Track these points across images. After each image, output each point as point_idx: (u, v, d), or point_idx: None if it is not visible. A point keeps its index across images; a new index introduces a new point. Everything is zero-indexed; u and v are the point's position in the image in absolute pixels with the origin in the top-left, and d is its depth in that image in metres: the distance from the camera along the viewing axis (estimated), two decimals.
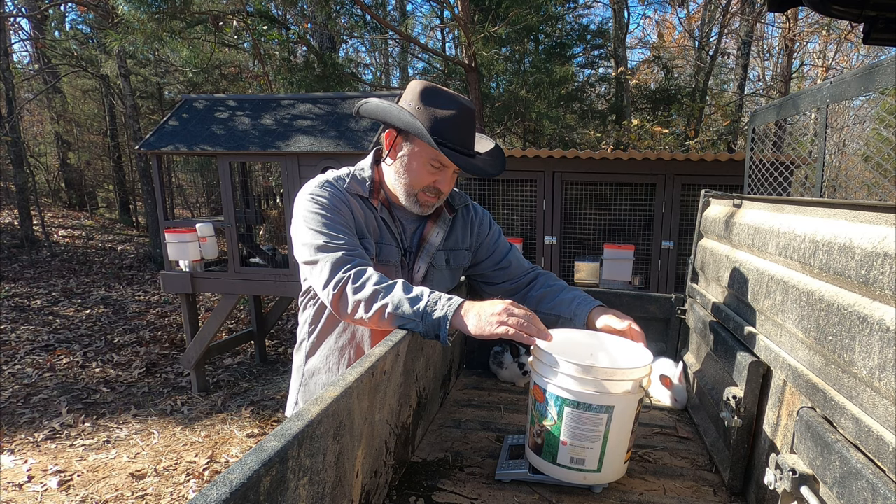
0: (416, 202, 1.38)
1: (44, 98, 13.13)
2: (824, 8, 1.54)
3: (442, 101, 1.32)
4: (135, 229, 13.24)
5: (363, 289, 1.20)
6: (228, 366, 5.72)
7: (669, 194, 4.34)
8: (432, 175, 1.35)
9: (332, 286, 1.23)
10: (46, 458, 3.68)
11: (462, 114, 1.33)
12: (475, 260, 1.62)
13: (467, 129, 1.35)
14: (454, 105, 1.32)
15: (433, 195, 1.38)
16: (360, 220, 1.37)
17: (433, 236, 1.47)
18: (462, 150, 1.34)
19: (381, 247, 1.40)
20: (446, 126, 1.30)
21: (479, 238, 1.59)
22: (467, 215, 1.58)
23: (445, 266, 1.51)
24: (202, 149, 4.68)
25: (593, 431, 1.12)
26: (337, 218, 1.31)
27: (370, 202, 1.39)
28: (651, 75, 12.79)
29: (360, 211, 1.37)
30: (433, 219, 1.49)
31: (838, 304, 0.90)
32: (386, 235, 1.41)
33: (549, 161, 4.38)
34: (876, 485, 0.72)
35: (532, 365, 1.22)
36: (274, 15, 8.34)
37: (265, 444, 0.65)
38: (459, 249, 1.55)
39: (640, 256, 4.43)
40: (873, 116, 4.95)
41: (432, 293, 1.20)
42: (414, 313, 1.17)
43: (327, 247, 1.26)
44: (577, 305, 1.44)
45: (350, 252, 1.27)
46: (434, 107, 1.31)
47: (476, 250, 1.61)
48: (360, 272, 1.23)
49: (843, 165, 4.58)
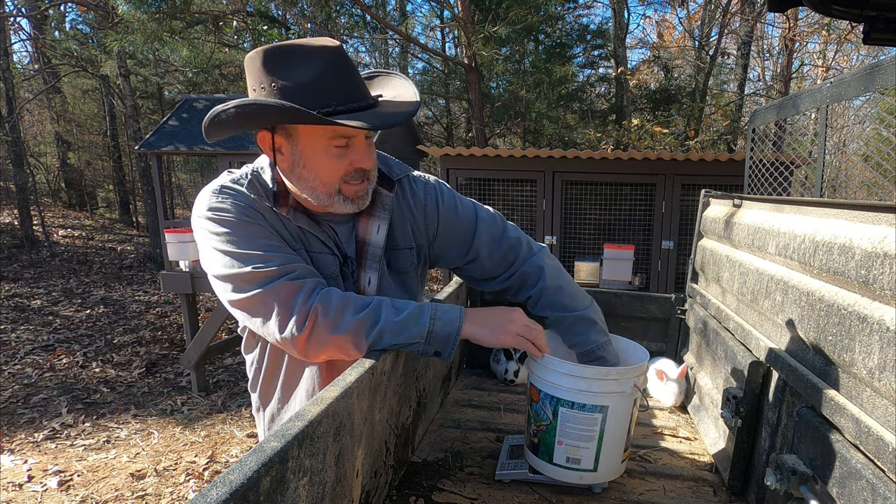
0: (345, 201, 1.04)
1: (44, 98, 13.13)
2: (824, 8, 1.54)
3: (295, 59, 0.94)
4: (135, 229, 13.24)
5: (342, 321, 0.94)
6: (228, 366, 5.72)
7: (669, 194, 4.35)
8: (342, 158, 1.00)
9: (293, 328, 0.93)
10: (46, 458, 3.68)
11: (329, 60, 0.95)
12: (436, 253, 1.26)
13: (346, 75, 0.97)
14: (314, 56, 0.94)
15: (359, 180, 1.03)
16: (281, 228, 1.04)
17: (373, 234, 1.11)
18: (355, 105, 0.96)
19: (316, 256, 1.07)
20: (319, 87, 0.94)
21: (428, 225, 1.20)
22: (404, 196, 1.18)
23: (391, 272, 1.17)
24: (202, 149, 4.68)
25: (588, 431, 1.13)
26: (253, 229, 0.99)
27: (277, 212, 1.04)
28: (651, 75, 12.78)
29: (274, 219, 1.04)
30: (367, 211, 1.11)
31: (838, 305, 0.90)
32: (313, 243, 1.07)
33: (549, 161, 4.38)
34: (876, 485, 0.72)
35: (528, 365, 1.22)
36: (274, 15, 8.34)
37: (265, 444, 0.65)
38: (402, 250, 1.18)
39: (640, 256, 4.43)
40: (873, 116, 4.96)
41: (429, 305, 1.02)
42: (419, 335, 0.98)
43: (259, 275, 0.94)
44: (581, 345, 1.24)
45: (292, 274, 0.96)
46: (288, 71, 0.94)
47: (432, 243, 1.23)
48: (324, 298, 0.96)
49: (843, 165, 4.58)
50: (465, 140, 11.39)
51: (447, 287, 1.74)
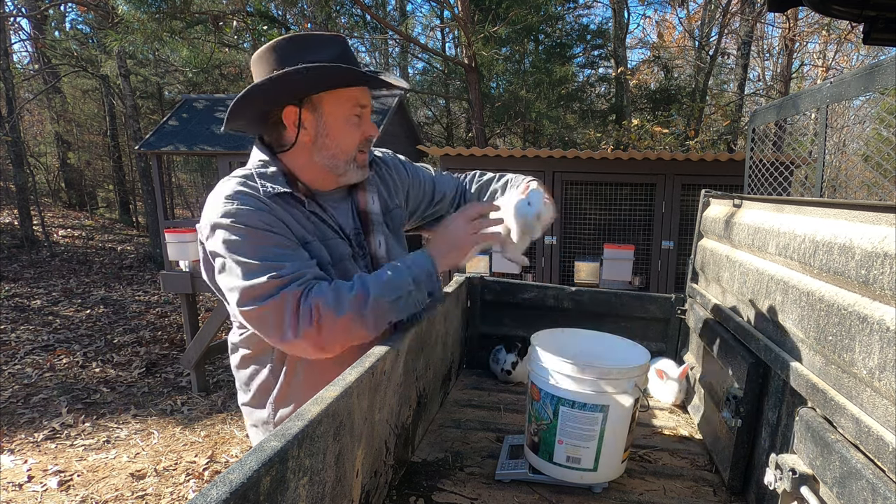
0: (357, 168, 1.18)
1: (44, 98, 13.13)
2: (824, 8, 1.54)
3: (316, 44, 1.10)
4: (135, 229, 13.24)
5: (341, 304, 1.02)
6: (228, 366, 5.72)
7: (669, 194, 4.34)
8: (358, 127, 1.16)
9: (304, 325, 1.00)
10: (46, 458, 3.68)
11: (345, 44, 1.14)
12: (411, 210, 1.43)
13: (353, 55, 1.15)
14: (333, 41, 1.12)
15: (366, 148, 1.20)
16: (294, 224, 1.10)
17: (371, 204, 1.26)
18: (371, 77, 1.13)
19: (329, 242, 1.16)
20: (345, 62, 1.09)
21: (402, 186, 1.39)
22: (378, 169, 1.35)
23: (391, 234, 1.32)
24: (202, 149, 4.68)
25: (588, 430, 1.13)
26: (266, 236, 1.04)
27: (295, 196, 1.12)
28: (651, 75, 12.78)
29: (288, 211, 1.11)
30: (360, 187, 1.26)
31: (838, 304, 0.90)
32: (325, 231, 1.16)
33: (549, 161, 4.38)
34: (876, 485, 0.72)
35: (529, 363, 1.22)
36: (274, 15, 8.34)
37: (265, 444, 0.65)
38: (394, 210, 1.34)
39: (640, 256, 4.42)
40: (873, 116, 4.96)
41: (394, 262, 1.14)
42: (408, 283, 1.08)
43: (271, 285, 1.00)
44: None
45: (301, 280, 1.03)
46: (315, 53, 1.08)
47: (408, 198, 1.41)
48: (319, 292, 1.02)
49: (843, 165, 4.58)
50: (465, 140, 11.39)
51: (447, 287, 1.74)
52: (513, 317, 2.06)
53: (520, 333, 2.01)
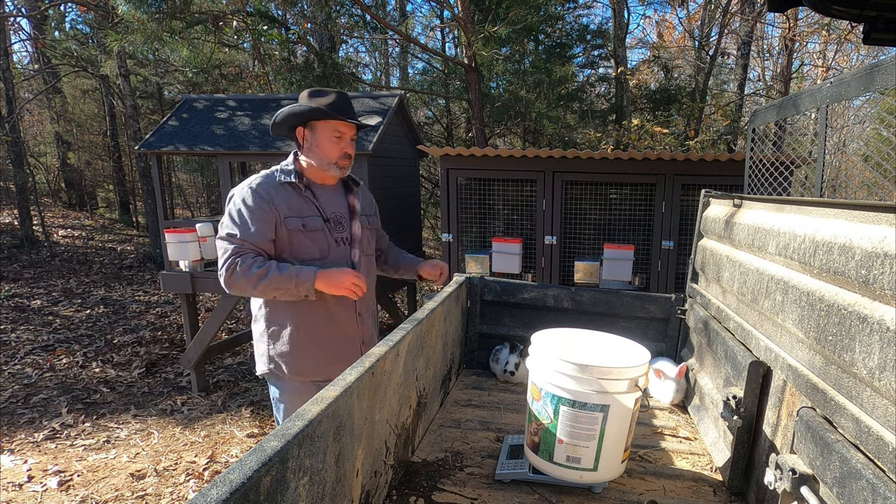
0: (337, 167, 1.88)
1: (44, 98, 13.12)
2: (824, 8, 1.54)
3: (323, 94, 1.88)
4: (135, 229, 13.23)
5: (247, 273, 1.70)
6: (228, 366, 5.72)
7: (669, 194, 4.34)
8: (338, 144, 1.86)
9: (224, 268, 1.73)
10: (46, 458, 3.67)
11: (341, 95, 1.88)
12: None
13: (345, 104, 1.88)
14: (332, 93, 1.88)
15: (346, 159, 1.90)
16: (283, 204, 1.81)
17: (357, 205, 1.99)
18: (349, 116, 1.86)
19: (306, 219, 1.84)
20: (330, 105, 1.84)
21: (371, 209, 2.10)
22: (364, 192, 2.08)
23: (369, 226, 2.04)
24: (202, 149, 4.68)
25: (589, 430, 1.13)
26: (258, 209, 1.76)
27: (297, 185, 1.85)
28: (651, 75, 12.77)
29: (285, 195, 1.83)
30: (352, 193, 2.01)
31: (838, 304, 0.90)
32: (311, 208, 1.87)
33: (549, 161, 4.38)
34: (876, 485, 0.72)
35: (529, 363, 1.22)
36: (274, 15, 8.34)
37: (265, 444, 0.65)
38: (370, 215, 2.08)
39: (640, 256, 4.42)
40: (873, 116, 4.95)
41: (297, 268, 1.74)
42: (290, 286, 1.71)
43: (233, 237, 1.74)
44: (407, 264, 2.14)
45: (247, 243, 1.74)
46: (318, 97, 1.86)
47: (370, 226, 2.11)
48: (245, 259, 1.71)
49: (843, 165, 4.57)
50: (465, 140, 11.38)
51: (447, 287, 1.74)
52: (513, 317, 2.06)
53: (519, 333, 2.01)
